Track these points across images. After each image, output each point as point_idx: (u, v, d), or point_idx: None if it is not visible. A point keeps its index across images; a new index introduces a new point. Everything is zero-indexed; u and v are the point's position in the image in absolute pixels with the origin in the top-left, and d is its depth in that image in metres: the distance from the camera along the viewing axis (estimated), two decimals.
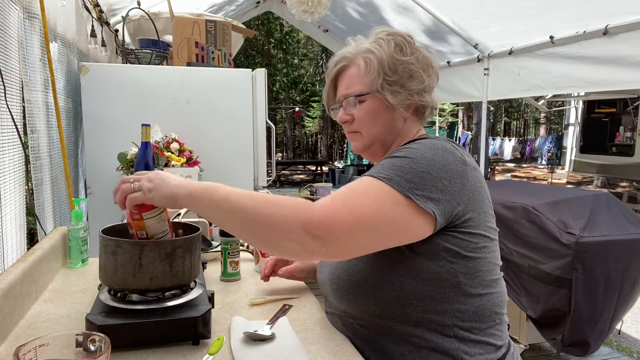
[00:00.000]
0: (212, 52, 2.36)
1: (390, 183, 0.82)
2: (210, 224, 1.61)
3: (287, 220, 0.79)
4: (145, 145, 1.65)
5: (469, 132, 15.04)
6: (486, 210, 0.92)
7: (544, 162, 13.95)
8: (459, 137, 15.05)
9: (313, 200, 1.23)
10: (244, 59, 13.91)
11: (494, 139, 16.30)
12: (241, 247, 1.42)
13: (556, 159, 12.96)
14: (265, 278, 1.26)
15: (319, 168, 13.28)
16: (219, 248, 1.40)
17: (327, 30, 4.98)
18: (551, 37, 3.15)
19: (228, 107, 2.28)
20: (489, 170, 12.64)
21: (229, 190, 0.85)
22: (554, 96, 7.87)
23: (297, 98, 19.18)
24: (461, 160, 0.88)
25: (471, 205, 0.87)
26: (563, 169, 11.10)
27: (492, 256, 0.94)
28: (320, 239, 0.78)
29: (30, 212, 1.53)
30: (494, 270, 0.94)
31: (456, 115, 17.88)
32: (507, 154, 15.64)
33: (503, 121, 25.20)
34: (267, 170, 2.53)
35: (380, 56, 0.96)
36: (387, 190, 0.82)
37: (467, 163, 0.89)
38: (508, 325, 1.01)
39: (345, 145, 19.76)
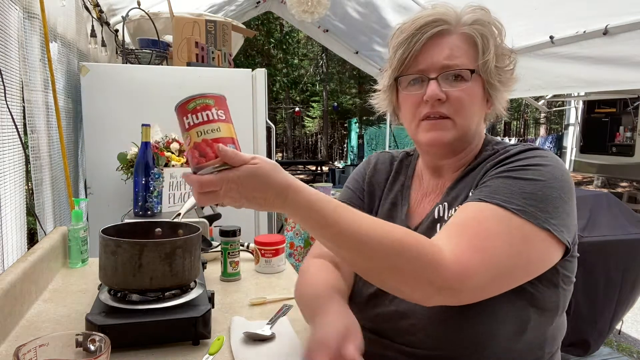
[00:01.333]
0: (212, 52, 2.36)
1: (525, 216, 0.72)
2: (210, 224, 1.61)
3: (414, 275, 0.69)
4: (145, 145, 1.65)
5: None
6: None
7: None
8: None
9: None
10: (244, 59, 13.90)
11: None
12: (241, 247, 1.42)
13: None
14: None
15: (319, 168, 13.27)
16: (219, 248, 1.40)
17: (327, 30, 4.97)
18: (551, 37, 3.14)
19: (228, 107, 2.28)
20: None
21: (345, 225, 0.68)
22: (554, 96, 7.86)
23: (297, 98, 19.18)
24: (569, 174, 0.80)
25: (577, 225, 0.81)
26: None
27: None
28: (450, 292, 0.70)
29: (30, 212, 1.53)
30: None
31: None
32: None
33: (503, 121, 25.17)
34: None
35: (495, 37, 0.84)
36: (521, 225, 0.71)
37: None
38: None
39: (345, 145, 19.75)
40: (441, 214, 0.87)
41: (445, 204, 0.88)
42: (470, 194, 0.82)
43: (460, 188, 0.87)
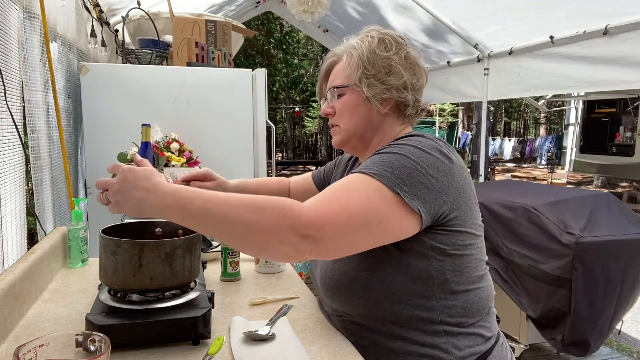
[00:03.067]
0: (212, 52, 2.36)
1: (380, 179, 0.81)
2: None
3: (275, 224, 0.76)
4: (145, 145, 1.65)
5: (469, 132, 15.03)
6: (472, 207, 0.92)
7: (543, 162, 13.95)
8: (459, 137, 15.03)
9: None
10: (244, 59, 13.90)
11: (494, 139, 16.28)
12: None
13: (556, 159, 12.95)
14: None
15: (318, 168, 13.28)
16: (219, 248, 1.40)
17: (327, 30, 4.98)
18: (551, 37, 3.14)
19: (228, 107, 2.28)
20: (489, 170, 12.63)
21: (205, 199, 0.78)
22: (554, 96, 7.87)
23: (297, 98, 19.17)
24: (448, 157, 0.88)
25: (457, 204, 0.88)
26: (563, 169, 11.10)
27: (478, 252, 0.95)
28: (312, 238, 0.76)
29: (30, 212, 1.53)
30: (480, 266, 0.96)
31: (456, 115, 17.88)
32: (507, 154, 15.63)
33: (503, 121, 25.19)
34: (267, 170, 2.52)
35: (361, 50, 0.98)
36: (377, 186, 0.81)
37: (454, 161, 0.89)
38: (498, 317, 1.02)
39: None
40: None
41: None
42: None
43: None
